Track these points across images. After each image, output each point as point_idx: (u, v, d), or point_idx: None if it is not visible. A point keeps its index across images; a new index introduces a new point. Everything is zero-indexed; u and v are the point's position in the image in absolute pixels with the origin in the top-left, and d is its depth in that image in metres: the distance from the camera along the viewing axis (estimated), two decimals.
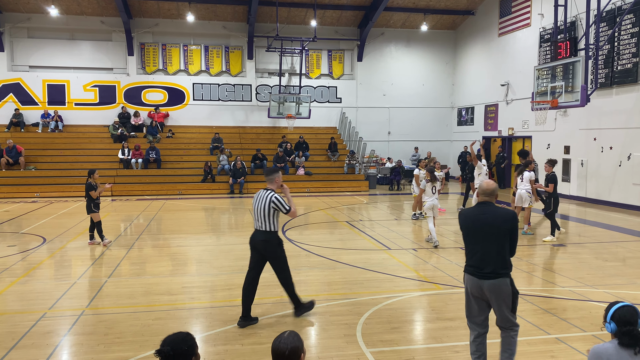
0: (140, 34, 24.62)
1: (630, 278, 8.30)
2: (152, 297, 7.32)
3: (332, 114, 26.65)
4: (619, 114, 16.43)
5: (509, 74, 22.52)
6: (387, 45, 26.90)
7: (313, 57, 26.43)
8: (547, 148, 20.00)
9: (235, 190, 20.83)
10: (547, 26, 19.63)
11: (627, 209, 15.93)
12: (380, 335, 5.85)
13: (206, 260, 9.60)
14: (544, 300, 7.11)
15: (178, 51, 25.13)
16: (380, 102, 26.95)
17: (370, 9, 24.55)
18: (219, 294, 7.54)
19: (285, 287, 6.41)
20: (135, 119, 24.26)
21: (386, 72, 26.92)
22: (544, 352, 5.42)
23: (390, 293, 7.48)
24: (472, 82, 25.92)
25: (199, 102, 25.33)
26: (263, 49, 25.34)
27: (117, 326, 6.18)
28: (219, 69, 25.53)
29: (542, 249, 10.58)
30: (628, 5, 15.44)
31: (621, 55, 16.22)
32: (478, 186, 4.95)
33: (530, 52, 20.83)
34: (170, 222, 14.07)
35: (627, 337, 3.23)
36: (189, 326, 6.23)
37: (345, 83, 26.76)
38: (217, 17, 24.88)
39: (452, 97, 27.74)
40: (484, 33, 24.68)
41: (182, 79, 25.22)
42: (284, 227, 12.96)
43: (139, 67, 24.88)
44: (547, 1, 18.87)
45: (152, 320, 6.38)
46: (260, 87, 25.92)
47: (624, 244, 11.07)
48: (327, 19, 25.57)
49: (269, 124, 25.86)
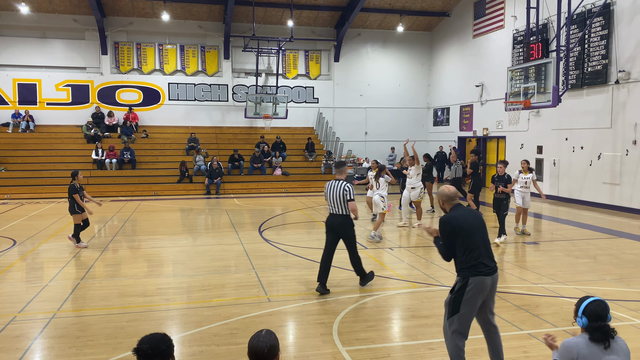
0: (114, 32, 24.25)
1: (600, 274, 8.50)
2: (126, 299, 7.21)
3: (309, 114, 26.66)
4: (589, 115, 16.81)
5: (484, 75, 22.85)
6: (364, 45, 27.03)
7: (290, 57, 26.40)
8: (520, 148, 20.35)
9: (212, 190, 20.67)
10: (520, 28, 19.98)
11: (598, 207, 16.31)
12: (357, 334, 5.87)
13: (182, 262, 9.50)
14: (517, 297, 7.23)
15: (153, 50, 24.83)
16: (357, 103, 27.07)
17: (346, 10, 24.64)
18: (195, 294, 7.48)
19: (355, 260, 7.61)
20: (109, 119, 23.88)
21: (363, 72, 27.06)
22: (517, 347, 5.51)
23: (367, 292, 7.52)
24: (448, 83, 26.22)
25: (175, 102, 25.07)
26: (239, 49, 25.22)
27: (90, 328, 6.07)
28: (194, 69, 25.31)
29: (515, 247, 10.75)
30: (597, 8, 15.81)
31: (591, 57, 16.60)
32: (439, 193, 4.85)
33: (504, 54, 21.17)
34: (145, 224, 13.89)
35: (599, 332, 3.30)
36: (164, 327, 6.16)
37: (322, 83, 26.80)
38: (193, 16, 24.66)
39: (428, 98, 28.02)
40: (458, 34, 25.00)
41: (158, 79, 24.93)
42: (260, 228, 12.92)
43: (113, 66, 24.51)
44: (520, 3, 19.21)
45: (126, 322, 6.29)
46: (237, 87, 25.78)
47: (594, 241, 11.33)
48: (304, 19, 25.58)
49: (245, 124, 25.74)
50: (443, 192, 4.84)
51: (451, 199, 4.79)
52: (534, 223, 13.89)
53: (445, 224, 4.67)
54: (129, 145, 21.98)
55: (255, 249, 10.47)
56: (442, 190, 4.87)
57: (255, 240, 11.42)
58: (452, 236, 4.60)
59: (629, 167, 15.38)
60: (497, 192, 11.18)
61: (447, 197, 4.80)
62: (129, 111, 24.05)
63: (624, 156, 15.52)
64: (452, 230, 4.60)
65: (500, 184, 11.17)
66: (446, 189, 4.83)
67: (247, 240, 11.28)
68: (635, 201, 15.15)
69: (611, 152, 16.00)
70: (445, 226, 4.66)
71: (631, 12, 15.17)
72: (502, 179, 11.24)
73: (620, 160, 15.65)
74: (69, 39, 23.90)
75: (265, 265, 9.10)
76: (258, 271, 8.68)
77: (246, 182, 21.71)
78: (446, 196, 4.80)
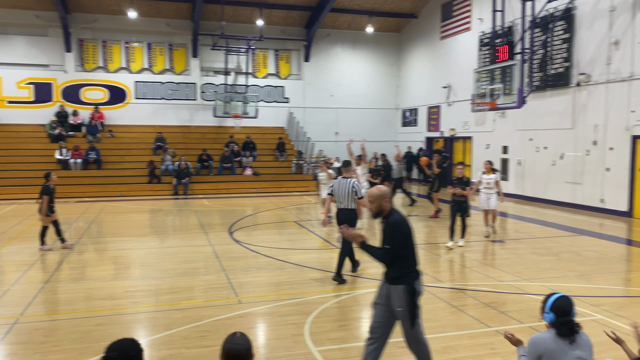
0: (79, 29, 23.67)
1: (563, 271, 8.75)
2: (92, 303, 7.06)
3: (279, 113, 26.58)
4: (552, 116, 17.29)
5: (451, 76, 23.22)
6: (334, 46, 27.13)
7: (260, 57, 26.28)
8: (486, 148, 20.77)
9: (180, 191, 20.38)
10: (486, 30, 20.39)
11: (561, 205, 16.79)
12: (328, 334, 5.90)
13: (150, 264, 9.35)
14: (484, 295, 7.39)
15: (119, 48, 24.34)
16: (327, 103, 27.14)
17: (316, 10, 24.68)
18: (164, 297, 7.37)
19: (347, 252, 8.15)
20: (74, 118, 23.30)
21: (333, 73, 27.15)
22: (484, 344, 5.62)
23: (338, 291, 7.55)
24: (416, 84, 26.55)
25: (142, 100, 24.63)
26: (208, 47, 24.96)
27: (54, 334, 5.92)
28: (162, 67, 24.93)
29: (481, 245, 10.97)
30: (560, 12, 16.27)
31: (554, 60, 17.07)
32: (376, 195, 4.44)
33: (471, 56, 21.56)
34: (111, 225, 13.61)
35: (565, 327, 3.41)
36: (132, 331, 6.06)
37: (292, 83, 26.77)
38: (160, 14, 24.28)
39: (396, 99, 28.31)
40: (427, 36, 25.34)
41: (124, 77, 24.45)
42: (230, 229, 12.83)
43: (78, 64, 23.92)
44: (486, 6, 19.60)
45: (93, 326, 6.16)
46: (205, 86, 25.51)
47: (558, 239, 11.66)
48: (274, 19, 25.50)
49: (214, 123, 25.49)
50: (381, 191, 4.46)
51: (389, 197, 4.48)
52: (500, 222, 14.20)
53: (404, 224, 4.43)
54: (94, 145, 21.49)
55: (225, 250, 10.39)
56: (377, 190, 4.47)
57: (225, 241, 11.33)
58: (408, 238, 4.43)
59: (589, 167, 15.88)
60: (455, 195, 10.61)
61: (386, 194, 4.44)
62: (95, 110, 23.50)
63: (585, 156, 16.02)
64: (408, 231, 4.43)
65: (459, 186, 10.62)
66: (377, 189, 4.47)
67: (217, 242, 11.18)
68: (595, 199, 15.65)
69: (573, 152, 16.50)
70: (404, 226, 4.42)
71: (591, 17, 15.67)
72: (461, 181, 10.68)
73: (582, 160, 16.14)
74: (31, 35, 23.20)
75: (236, 267, 9.04)
76: (228, 273, 8.62)
77: (215, 183, 21.50)
78: (384, 193, 4.44)
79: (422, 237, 11.98)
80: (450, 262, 9.37)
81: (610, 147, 15.13)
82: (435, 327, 6.12)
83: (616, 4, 14.79)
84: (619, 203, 14.87)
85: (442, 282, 8.08)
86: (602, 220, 14.19)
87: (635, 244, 11.25)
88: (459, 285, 7.87)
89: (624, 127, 14.66)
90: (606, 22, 15.13)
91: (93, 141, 21.81)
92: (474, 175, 21.30)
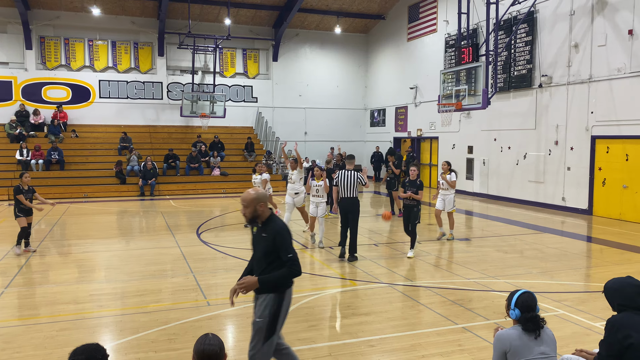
0: (40, 26, 22.99)
1: (527, 268, 8.98)
2: (56, 307, 6.87)
3: (248, 113, 26.42)
4: (515, 116, 17.71)
5: (418, 77, 23.52)
6: (302, 46, 27.12)
7: (227, 56, 26.07)
8: (452, 148, 21.13)
9: (146, 192, 20.03)
10: (452, 32, 20.73)
11: (524, 204, 17.21)
12: (298, 334, 5.89)
13: (115, 266, 9.16)
14: (451, 292, 7.51)
15: (82, 46, 23.76)
16: (296, 103, 27.12)
17: (284, 10, 24.63)
18: (130, 300, 7.23)
19: (353, 235, 9.42)
20: (35, 117, 22.61)
21: (301, 73, 27.14)
22: (452, 341, 5.72)
23: (308, 291, 7.56)
24: (384, 85, 26.79)
25: (106, 99, 24.10)
26: (174, 46, 24.61)
27: (15, 340, 5.73)
28: (127, 66, 24.45)
29: (448, 244, 11.15)
30: (522, 15, 16.68)
31: (517, 62, 17.50)
32: (253, 198, 4.09)
33: (437, 57, 21.89)
34: (75, 227, 13.27)
35: (531, 322, 3.52)
36: (97, 335, 5.92)
37: (261, 83, 26.65)
38: (125, 12, 23.80)
39: (365, 99, 28.51)
40: (394, 37, 25.60)
41: (87, 76, 23.87)
42: (198, 230, 12.68)
43: (39, 62, 23.24)
44: (452, 9, 19.93)
45: (57, 331, 5.99)
46: (172, 85, 25.14)
47: (522, 236, 11.95)
48: (242, 18, 25.32)
49: (181, 123, 25.15)
50: (257, 194, 4.10)
51: (265, 201, 4.13)
52: (465, 220, 14.47)
53: (288, 229, 4.16)
54: (56, 145, 20.91)
55: (193, 251, 10.26)
56: (253, 193, 4.10)
57: (193, 242, 11.19)
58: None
59: (551, 166, 16.34)
60: (407, 199, 9.76)
61: (262, 198, 4.10)
62: (57, 109, 22.85)
63: (547, 156, 16.48)
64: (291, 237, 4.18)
65: (411, 189, 9.75)
66: (252, 192, 4.11)
67: (184, 243, 11.04)
68: (557, 198, 16.11)
69: (535, 152, 16.94)
70: (288, 231, 4.15)
71: (552, 20, 16.12)
72: (414, 183, 9.80)
73: (544, 160, 16.60)
74: None
75: (204, 269, 8.94)
76: (196, 274, 8.52)
77: (183, 183, 21.21)
78: (260, 197, 4.09)
79: (389, 236, 12.10)
80: (418, 261, 9.49)
81: (571, 147, 15.60)
82: (404, 325, 6.19)
83: (575, 8, 15.26)
84: (580, 201, 15.35)
85: (410, 280, 8.19)
86: (564, 218, 14.62)
87: (594, 241, 11.64)
88: (427, 283, 7.98)
89: (584, 127, 15.13)
90: (566, 25, 15.59)
91: (55, 141, 21.21)
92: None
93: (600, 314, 6.48)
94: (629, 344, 3.25)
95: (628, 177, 13.93)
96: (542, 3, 16.33)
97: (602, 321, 6.27)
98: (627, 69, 13.74)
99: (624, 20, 13.77)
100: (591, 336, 5.82)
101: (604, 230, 12.75)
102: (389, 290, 7.60)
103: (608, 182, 14.51)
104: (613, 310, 3.52)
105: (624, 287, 3.48)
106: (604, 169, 14.63)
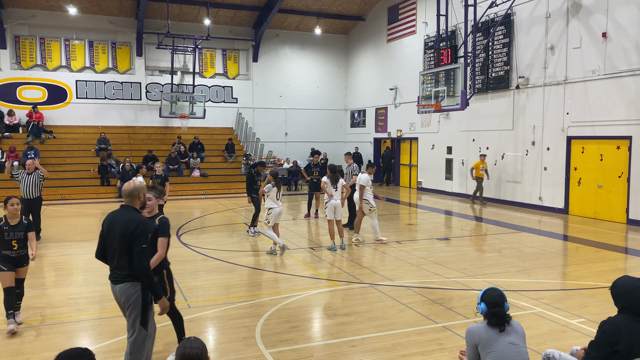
0: (14, 25, 22.55)
1: (505, 267, 9.12)
2: (32, 312, 6.75)
3: (228, 114, 26.29)
4: (493, 117, 17.96)
5: (398, 78, 23.68)
6: (282, 47, 27.10)
7: (207, 56, 25.91)
8: (431, 149, 21.33)
9: None
10: (430, 34, 20.93)
11: (502, 204, 17.46)
12: (280, 335, 5.90)
13: (94, 269, 9.02)
14: (431, 292, 7.59)
15: (59, 46, 23.38)
16: (276, 103, 27.07)
17: (264, 10, 24.58)
18: (109, 304, 7.12)
19: None
20: (10, 118, 22.17)
21: (282, 73, 27.11)
22: (432, 340, 5.78)
23: (289, 292, 7.56)
24: (364, 86, 26.92)
25: (83, 100, 23.75)
26: (153, 46, 24.37)
27: None
28: (105, 66, 24.14)
29: (427, 244, 11.26)
30: (500, 18, 16.93)
31: (495, 63, 17.75)
32: (132, 190, 4.38)
33: (416, 58, 22.07)
34: (52, 230, 13.05)
35: (495, 317, 3.73)
36: (76, 340, 5.84)
37: (241, 83, 26.54)
38: (103, 11, 23.50)
39: (345, 100, 28.60)
40: (374, 38, 25.73)
41: (64, 76, 23.49)
42: (178, 232, 12.58)
43: (14, 61, 22.79)
44: (431, 10, 20.13)
45: (34, 336, 5.89)
46: (151, 86, 24.89)
47: (500, 236, 12.13)
48: (221, 18, 25.20)
49: (160, 123, 24.91)
50: (134, 185, 4.41)
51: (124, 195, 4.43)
52: (445, 220, 14.62)
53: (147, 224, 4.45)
54: (32, 146, 20.52)
55: (173, 253, 10.13)
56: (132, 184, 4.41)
57: (173, 244, 11.00)
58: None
59: (528, 167, 16.61)
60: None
61: (139, 189, 4.42)
62: (32, 109, 22.43)
63: (524, 156, 16.74)
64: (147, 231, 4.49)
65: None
66: (131, 183, 4.43)
67: None
68: (534, 197, 16.38)
69: (513, 152, 17.20)
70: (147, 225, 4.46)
71: (529, 23, 16.39)
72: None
73: (521, 160, 16.86)
74: None
75: (184, 271, 8.88)
76: (177, 277, 8.43)
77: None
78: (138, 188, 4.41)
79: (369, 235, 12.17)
80: (398, 261, 9.57)
81: (548, 147, 15.88)
82: (385, 324, 6.24)
83: (551, 10, 15.54)
84: (556, 201, 15.63)
85: (391, 280, 8.24)
86: (541, 217, 14.88)
87: (570, 240, 11.87)
88: (407, 283, 8.05)
89: (559, 128, 15.41)
90: (542, 28, 15.87)
91: (30, 142, 20.80)
92: (419, 176, 21.92)
93: (576, 312, 6.62)
94: (616, 350, 3.40)
95: (602, 177, 14.23)
96: (519, 6, 16.60)
97: (578, 318, 6.41)
98: (601, 71, 14.04)
99: (598, 23, 14.07)
100: (568, 333, 5.94)
101: (580, 229, 13.01)
102: (370, 291, 7.64)
103: (583, 182, 14.81)
104: (616, 306, 3.64)
105: (632, 290, 3.56)
106: (580, 168, 14.93)
